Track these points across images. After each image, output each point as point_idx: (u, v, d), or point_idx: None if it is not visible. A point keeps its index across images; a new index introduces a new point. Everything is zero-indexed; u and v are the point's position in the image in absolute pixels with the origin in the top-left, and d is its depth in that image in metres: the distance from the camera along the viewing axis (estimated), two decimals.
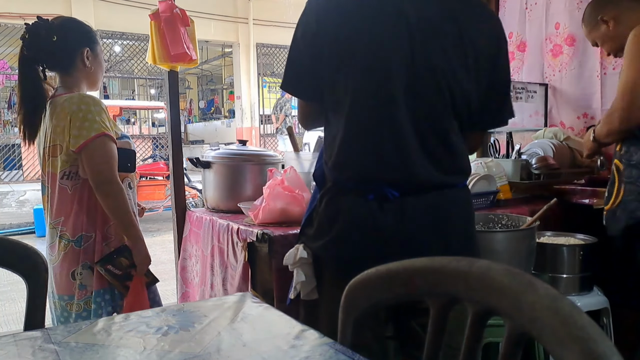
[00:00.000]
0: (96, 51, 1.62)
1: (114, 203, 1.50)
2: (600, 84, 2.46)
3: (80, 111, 1.47)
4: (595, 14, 1.77)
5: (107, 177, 1.48)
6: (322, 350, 0.70)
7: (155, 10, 2.01)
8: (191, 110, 19.16)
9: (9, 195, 8.23)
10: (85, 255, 1.54)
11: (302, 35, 1.14)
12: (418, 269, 0.70)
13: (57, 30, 1.54)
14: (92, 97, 1.53)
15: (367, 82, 1.09)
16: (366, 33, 1.08)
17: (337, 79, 1.11)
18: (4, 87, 10.97)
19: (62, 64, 1.58)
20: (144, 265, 1.58)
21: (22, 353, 0.71)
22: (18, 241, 1.07)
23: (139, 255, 1.56)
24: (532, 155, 2.28)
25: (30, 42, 1.52)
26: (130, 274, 1.56)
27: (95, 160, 1.48)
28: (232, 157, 2.01)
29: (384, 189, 1.11)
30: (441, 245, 1.13)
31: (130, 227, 1.54)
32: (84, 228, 1.54)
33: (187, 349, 0.71)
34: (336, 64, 1.10)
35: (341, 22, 1.09)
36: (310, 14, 1.12)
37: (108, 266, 1.54)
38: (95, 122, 1.47)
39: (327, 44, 1.10)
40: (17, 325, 3.28)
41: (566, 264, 1.72)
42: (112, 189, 1.49)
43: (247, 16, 12.23)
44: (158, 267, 4.57)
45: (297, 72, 1.16)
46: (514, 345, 0.57)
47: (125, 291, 1.57)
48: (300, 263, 1.20)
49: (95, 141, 1.47)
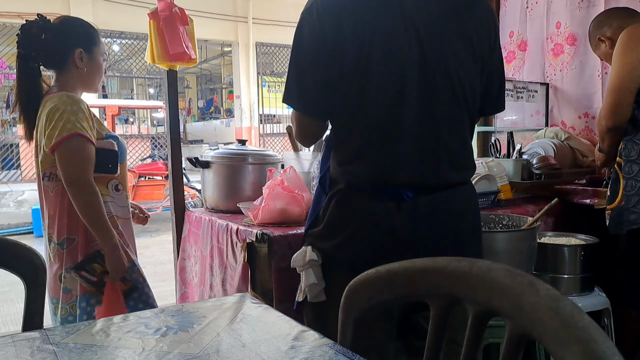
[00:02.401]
0: (92, 53, 1.58)
1: (85, 205, 1.45)
2: (601, 83, 2.46)
3: (56, 111, 1.44)
4: (595, 34, 1.92)
5: (77, 178, 1.44)
6: (322, 351, 0.70)
7: (154, 9, 2.00)
8: (190, 109, 19.15)
9: (7, 195, 8.22)
10: (69, 258, 1.51)
11: (308, 43, 1.09)
12: (419, 269, 0.69)
13: (50, 29, 1.52)
14: (73, 96, 1.49)
15: (381, 86, 1.08)
16: (379, 35, 1.06)
17: (352, 85, 1.09)
18: (3, 87, 10.97)
19: (55, 63, 1.56)
20: (117, 272, 1.50)
21: (20, 354, 0.71)
22: (16, 241, 1.06)
23: (111, 261, 1.48)
24: (533, 155, 2.28)
25: (21, 40, 1.51)
26: (105, 281, 1.50)
27: (66, 161, 1.44)
28: (232, 157, 2.00)
29: (400, 191, 1.10)
30: (455, 243, 1.14)
31: (102, 231, 1.47)
32: (67, 231, 1.51)
33: (186, 350, 0.71)
34: (352, 68, 1.07)
35: (349, 27, 1.06)
36: (314, 20, 1.07)
37: (82, 272, 1.49)
38: (69, 122, 1.43)
39: (337, 50, 1.06)
40: (16, 326, 3.27)
41: (567, 264, 1.72)
42: (83, 190, 1.44)
43: (246, 15, 12.23)
44: (157, 268, 4.60)
45: (305, 87, 1.11)
46: (515, 345, 0.57)
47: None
48: (310, 265, 1.18)
49: (68, 141, 1.43)
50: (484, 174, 2.00)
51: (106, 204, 1.53)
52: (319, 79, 1.09)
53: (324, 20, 1.06)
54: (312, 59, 1.09)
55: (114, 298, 1.50)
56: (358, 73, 1.07)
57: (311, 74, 1.10)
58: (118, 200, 1.60)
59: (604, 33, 1.86)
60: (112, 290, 1.50)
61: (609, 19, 1.87)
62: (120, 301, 1.51)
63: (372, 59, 1.06)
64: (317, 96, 1.11)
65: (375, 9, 1.07)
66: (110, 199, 1.57)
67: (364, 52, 1.06)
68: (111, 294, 1.50)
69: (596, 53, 1.99)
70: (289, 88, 1.13)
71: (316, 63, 1.08)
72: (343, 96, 1.10)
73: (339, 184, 1.16)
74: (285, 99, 1.14)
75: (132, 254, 1.61)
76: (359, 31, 1.06)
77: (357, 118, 1.11)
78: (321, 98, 1.11)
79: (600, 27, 1.89)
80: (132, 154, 9.85)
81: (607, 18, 1.90)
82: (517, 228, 1.61)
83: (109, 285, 1.50)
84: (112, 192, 1.57)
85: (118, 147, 1.58)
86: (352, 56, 1.06)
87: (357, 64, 1.07)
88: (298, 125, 1.20)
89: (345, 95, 1.10)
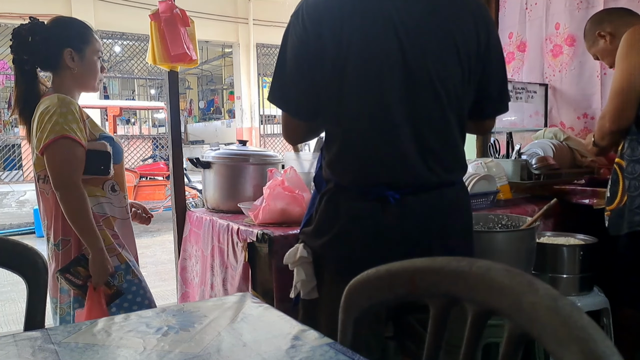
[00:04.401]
0: (83, 52, 1.56)
1: (70, 208, 1.44)
2: (600, 84, 2.46)
3: (47, 113, 1.44)
4: (593, 29, 1.88)
5: (64, 181, 1.43)
6: (322, 350, 0.70)
7: (155, 10, 2.01)
8: (191, 110, 19.16)
9: (9, 196, 8.23)
10: (64, 259, 1.51)
11: (291, 48, 1.11)
12: (418, 269, 0.69)
13: (39, 31, 1.51)
14: (64, 98, 1.48)
15: (363, 89, 1.09)
16: (357, 40, 1.07)
17: (331, 89, 1.10)
18: (4, 88, 10.98)
19: (48, 65, 1.55)
20: (100, 276, 1.47)
21: (22, 353, 0.71)
22: (18, 241, 1.07)
23: (94, 265, 1.47)
24: (532, 156, 2.28)
25: (13, 43, 1.51)
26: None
27: (53, 163, 1.43)
28: (232, 158, 2.01)
29: (385, 192, 1.11)
30: (441, 244, 1.14)
31: (87, 235, 1.46)
32: (62, 232, 1.51)
33: (187, 349, 0.71)
34: (330, 73, 1.09)
35: (331, 31, 1.08)
36: (299, 25, 1.10)
37: (67, 275, 1.48)
38: (57, 124, 1.42)
39: (319, 55, 1.08)
40: (17, 325, 3.28)
41: (566, 264, 1.72)
42: (68, 193, 1.44)
43: (247, 16, 12.24)
44: (158, 267, 4.60)
45: (288, 88, 1.14)
46: (514, 345, 0.57)
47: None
48: (301, 262, 1.20)
49: (55, 143, 1.42)
50: (483, 174, 2.00)
51: (101, 205, 1.53)
52: (300, 81, 1.12)
53: (307, 24, 1.08)
54: (295, 62, 1.11)
55: (96, 302, 1.48)
56: (338, 76, 1.09)
57: (293, 77, 1.12)
58: (115, 201, 1.58)
59: (604, 28, 1.83)
60: (95, 295, 1.48)
61: (610, 16, 1.86)
62: (102, 306, 1.49)
63: (352, 64, 1.08)
64: (298, 98, 1.13)
65: (356, 14, 1.08)
66: (106, 199, 1.56)
67: (343, 55, 1.07)
68: (93, 298, 1.48)
69: (591, 51, 1.94)
70: (272, 88, 1.16)
71: (298, 66, 1.11)
72: (326, 98, 1.12)
73: (329, 183, 1.18)
74: (270, 97, 1.17)
75: (128, 255, 1.59)
76: (338, 35, 1.07)
77: (339, 120, 1.12)
78: (304, 99, 1.13)
79: (600, 23, 1.86)
80: (133, 154, 9.86)
81: (607, 15, 1.88)
82: (516, 228, 1.61)
83: (91, 289, 1.48)
84: (108, 193, 1.57)
85: (113, 148, 1.56)
86: (331, 59, 1.08)
87: (336, 67, 1.08)
88: (284, 124, 1.23)
89: (328, 98, 1.11)
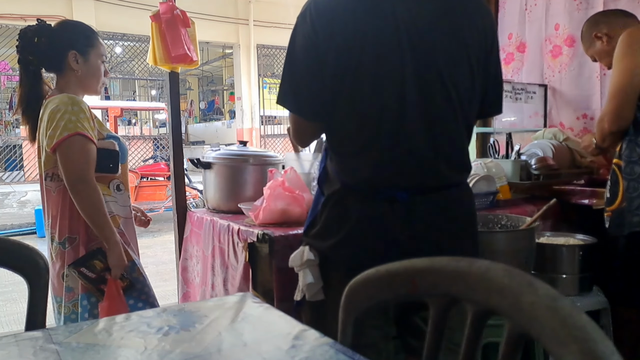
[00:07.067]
0: (88, 55, 1.59)
1: (86, 203, 1.47)
2: (599, 84, 2.47)
3: (58, 111, 1.46)
4: (590, 31, 1.89)
5: (79, 177, 1.46)
6: (322, 350, 0.70)
7: (156, 11, 2.01)
8: (192, 111, 19.16)
9: (10, 196, 8.24)
10: (70, 257, 1.53)
11: (301, 48, 1.10)
12: (418, 269, 0.70)
13: (45, 33, 1.54)
14: (74, 97, 1.51)
15: (374, 90, 1.08)
16: (369, 41, 1.07)
17: (343, 89, 1.09)
18: (6, 88, 10.99)
19: (53, 66, 1.58)
20: (118, 268, 1.52)
21: (23, 353, 0.71)
22: (19, 242, 1.07)
23: (113, 258, 1.51)
24: (532, 156, 2.28)
25: (19, 44, 1.54)
26: (104, 278, 1.52)
27: (67, 160, 1.46)
28: (233, 158, 2.01)
29: (393, 192, 1.11)
30: (450, 243, 1.14)
31: (103, 229, 1.49)
32: (68, 230, 1.53)
33: (188, 349, 0.71)
34: (342, 74, 1.08)
35: (342, 32, 1.07)
36: (307, 25, 1.09)
37: (81, 269, 1.51)
38: (70, 122, 1.45)
39: (329, 56, 1.07)
40: (19, 325, 3.28)
41: (566, 264, 1.72)
42: (84, 188, 1.46)
43: (247, 17, 12.24)
44: (159, 268, 4.60)
45: (298, 90, 1.12)
46: (514, 345, 0.57)
47: (100, 295, 1.53)
48: (308, 265, 1.19)
49: (69, 140, 1.45)
50: (483, 174, 2.01)
51: (107, 204, 1.55)
52: (311, 82, 1.10)
53: (316, 25, 1.07)
54: (305, 64, 1.10)
55: (115, 294, 1.52)
56: (349, 78, 1.08)
57: (304, 78, 1.11)
58: (120, 200, 1.62)
59: (601, 30, 1.84)
60: (113, 287, 1.52)
61: (606, 17, 1.87)
62: (121, 297, 1.54)
63: (363, 64, 1.07)
64: (310, 99, 1.12)
65: (367, 14, 1.07)
66: (112, 198, 1.59)
67: (355, 57, 1.07)
68: (113, 290, 1.52)
69: (589, 53, 1.95)
70: (282, 90, 1.14)
71: (309, 67, 1.09)
72: (336, 100, 1.11)
73: (335, 185, 1.17)
74: (279, 100, 1.16)
75: (133, 254, 1.62)
76: (350, 36, 1.06)
77: (349, 121, 1.12)
78: (314, 101, 1.12)
79: (596, 24, 1.87)
80: (134, 155, 9.86)
81: (603, 16, 1.90)
82: (515, 228, 1.62)
83: (110, 282, 1.52)
84: (114, 192, 1.59)
85: (119, 147, 1.60)
86: (343, 61, 1.07)
87: (348, 69, 1.07)
88: (293, 127, 1.22)
89: (338, 99, 1.11)
